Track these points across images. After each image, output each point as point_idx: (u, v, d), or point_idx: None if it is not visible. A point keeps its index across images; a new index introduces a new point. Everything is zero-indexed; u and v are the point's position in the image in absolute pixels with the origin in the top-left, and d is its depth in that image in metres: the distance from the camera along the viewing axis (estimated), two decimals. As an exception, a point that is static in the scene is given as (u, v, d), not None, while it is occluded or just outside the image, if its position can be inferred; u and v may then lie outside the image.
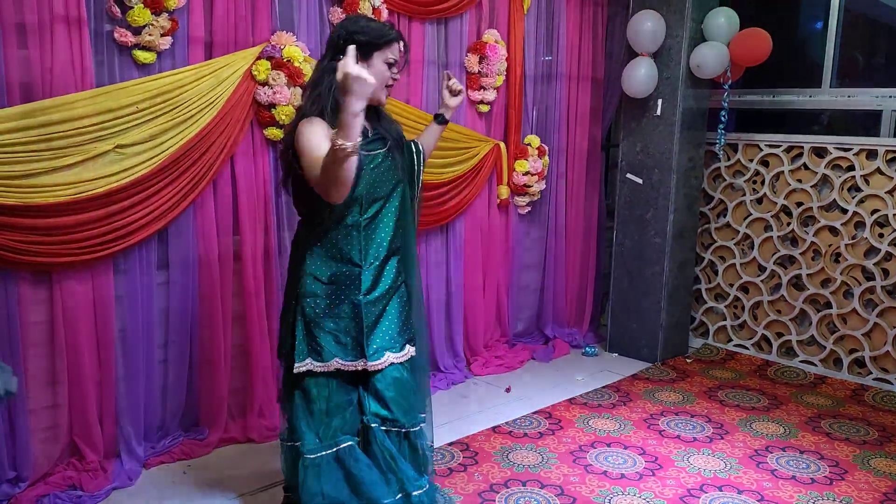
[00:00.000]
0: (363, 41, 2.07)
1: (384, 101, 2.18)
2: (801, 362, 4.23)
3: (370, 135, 2.16)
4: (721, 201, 4.51)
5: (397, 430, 2.21)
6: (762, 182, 4.31)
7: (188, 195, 2.83)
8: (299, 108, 2.16)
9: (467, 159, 3.83)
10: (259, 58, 2.93)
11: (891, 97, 3.95)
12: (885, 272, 3.89)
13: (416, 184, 2.38)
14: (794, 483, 2.92)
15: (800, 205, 4.17)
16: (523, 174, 4.09)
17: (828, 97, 4.19)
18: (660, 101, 4.15)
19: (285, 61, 2.95)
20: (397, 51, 2.14)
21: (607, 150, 4.82)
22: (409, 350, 2.23)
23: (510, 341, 4.37)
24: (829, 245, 4.08)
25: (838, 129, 4.34)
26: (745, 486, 2.89)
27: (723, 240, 4.52)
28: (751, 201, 4.37)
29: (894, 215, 3.83)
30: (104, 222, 2.62)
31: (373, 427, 2.18)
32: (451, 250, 3.91)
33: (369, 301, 2.16)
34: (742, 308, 4.47)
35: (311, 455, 2.15)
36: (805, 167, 4.15)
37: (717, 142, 4.33)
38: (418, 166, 2.30)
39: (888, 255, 3.88)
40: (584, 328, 4.69)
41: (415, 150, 2.38)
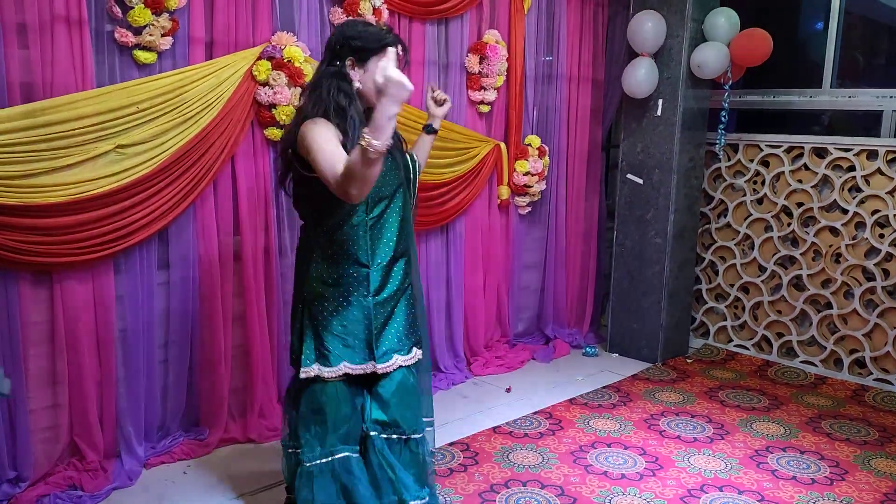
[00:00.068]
0: (359, 46, 2.07)
1: None
2: (802, 363, 4.22)
3: None
4: (721, 201, 4.51)
5: (398, 437, 2.19)
6: (763, 182, 4.31)
7: (189, 195, 2.84)
8: (300, 110, 2.16)
9: (468, 159, 3.83)
10: (260, 58, 2.93)
11: (891, 97, 3.95)
12: (886, 273, 3.89)
13: (413, 194, 2.38)
14: (795, 483, 2.91)
15: (800, 205, 4.17)
16: (524, 174, 4.09)
17: (828, 97, 4.19)
18: (660, 102, 4.15)
19: (286, 62, 2.95)
20: (395, 55, 2.14)
21: (608, 150, 4.81)
22: (416, 353, 2.23)
23: (510, 341, 4.37)
24: (830, 245, 4.08)
25: (839, 130, 4.34)
26: (745, 486, 2.88)
27: (723, 240, 4.52)
28: (751, 201, 4.36)
29: (895, 216, 3.83)
30: (105, 222, 2.62)
31: (372, 435, 2.17)
32: (452, 250, 3.91)
33: (378, 302, 2.15)
34: (742, 308, 4.47)
35: (309, 463, 2.15)
36: (805, 167, 4.15)
37: (717, 142, 4.33)
38: (414, 176, 2.30)
39: (889, 256, 3.87)
40: (584, 328, 4.69)
41: (410, 160, 2.38)
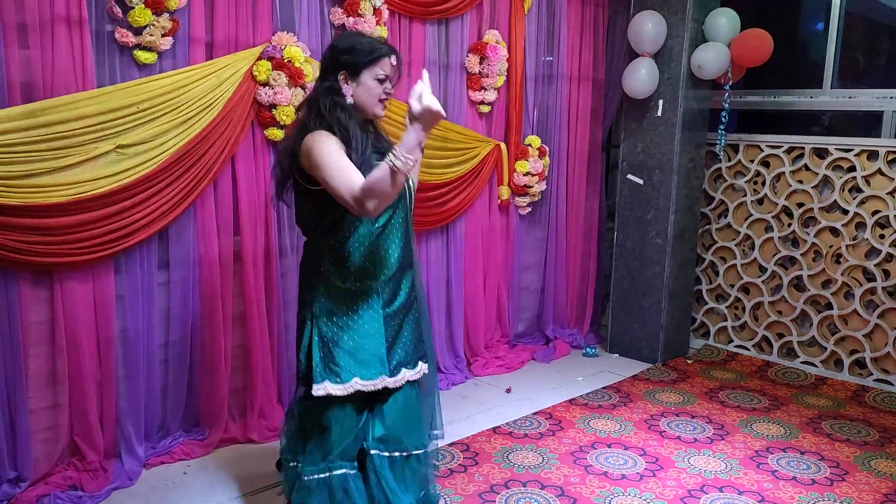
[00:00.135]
0: (350, 62, 2.07)
1: (380, 114, 2.17)
2: (802, 363, 4.22)
3: (370, 149, 2.12)
4: (722, 202, 4.51)
5: (400, 454, 2.19)
6: (763, 183, 4.31)
7: (189, 195, 2.84)
8: (299, 123, 2.13)
9: (468, 160, 3.83)
10: (260, 58, 2.93)
11: (891, 98, 3.95)
12: (886, 273, 3.88)
13: (411, 202, 2.37)
14: (795, 484, 2.91)
15: (801, 205, 4.17)
16: (524, 175, 4.09)
17: (829, 98, 4.19)
18: (661, 102, 4.15)
19: (286, 62, 2.95)
20: (388, 65, 2.12)
21: (608, 150, 4.81)
22: (421, 367, 2.23)
23: (511, 342, 4.37)
24: (830, 246, 4.07)
25: (839, 130, 4.34)
26: (745, 486, 2.88)
27: (723, 240, 4.52)
28: (752, 202, 4.36)
29: (895, 216, 3.83)
30: (105, 222, 2.62)
31: (372, 454, 2.17)
32: (452, 251, 3.91)
33: (388, 314, 2.15)
34: (743, 309, 4.47)
35: (308, 477, 2.15)
36: (806, 168, 4.15)
37: (717, 142, 4.33)
38: (410, 193, 2.28)
39: (889, 257, 3.87)
40: (584, 329, 4.69)
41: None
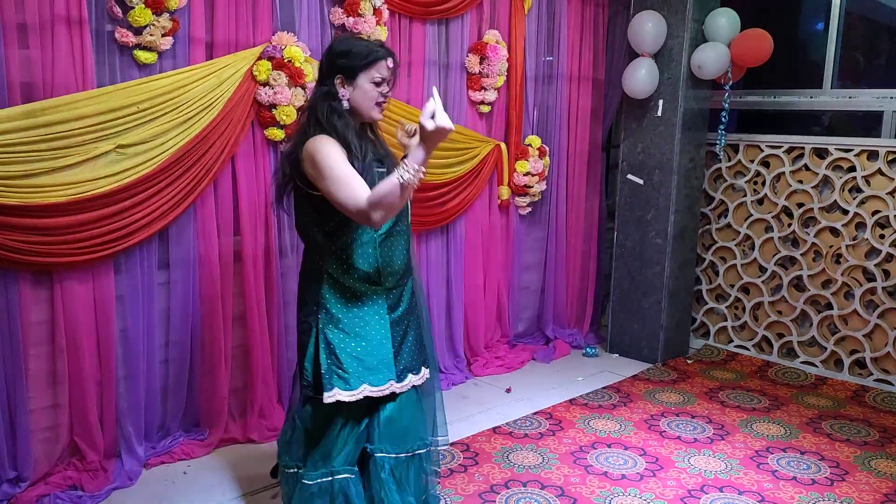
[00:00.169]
0: (346, 65, 2.06)
1: (378, 117, 2.15)
2: (802, 363, 4.22)
3: (370, 156, 2.11)
4: (722, 202, 4.51)
5: (402, 455, 2.18)
6: (763, 183, 4.31)
7: (189, 195, 2.84)
8: (301, 130, 2.12)
9: (468, 160, 3.83)
10: (260, 58, 2.93)
11: (891, 98, 3.95)
12: (886, 273, 3.88)
13: (408, 211, 2.36)
14: (795, 484, 2.91)
15: (801, 206, 4.17)
16: (524, 175, 4.09)
17: (829, 98, 4.19)
18: (661, 102, 4.15)
19: (286, 62, 2.95)
20: (385, 69, 2.10)
21: (608, 150, 4.81)
22: (424, 372, 2.24)
23: (511, 342, 4.37)
24: (830, 246, 4.07)
25: (839, 130, 4.34)
26: (745, 486, 2.88)
27: (723, 240, 4.52)
28: (751, 202, 4.36)
29: (895, 216, 3.83)
30: (105, 222, 2.62)
31: (377, 457, 2.16)
32: (452, 251, 3.91)
33: (394, 320, 2.15)
34: (743, 309, 4.47)
35: (310, 482, 2.14)
36: (806, 168, 4.15)
37: (717, 142, 4.33)
38: (407, 202, 2.28)
39: (889, 257, 3.87)
40: (584, 329, 4.69)
41: None
